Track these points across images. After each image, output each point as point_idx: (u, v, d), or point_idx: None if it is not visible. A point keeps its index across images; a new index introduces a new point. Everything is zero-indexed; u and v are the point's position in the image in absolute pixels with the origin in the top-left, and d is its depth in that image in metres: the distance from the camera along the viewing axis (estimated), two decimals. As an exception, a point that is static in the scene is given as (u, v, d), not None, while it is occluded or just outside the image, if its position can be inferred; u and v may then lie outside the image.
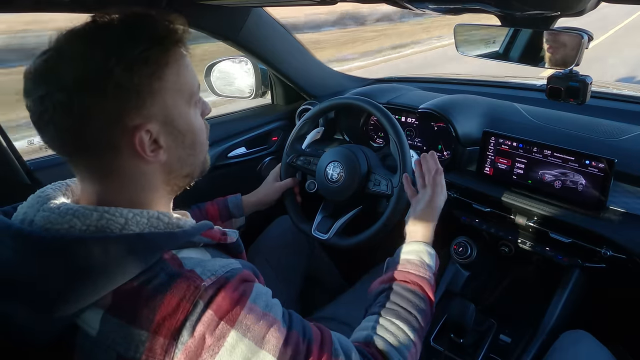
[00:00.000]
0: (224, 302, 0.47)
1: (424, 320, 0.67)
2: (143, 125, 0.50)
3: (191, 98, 0.55)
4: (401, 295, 0.68)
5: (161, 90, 0.51)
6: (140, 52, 0.48)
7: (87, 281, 0.45)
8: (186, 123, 0.54)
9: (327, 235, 1.03)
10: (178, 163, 0.56)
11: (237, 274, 0.50)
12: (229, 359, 0.46)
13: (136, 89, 0.48)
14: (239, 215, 1.03)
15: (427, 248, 0.78)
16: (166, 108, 0.52)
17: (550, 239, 0.94)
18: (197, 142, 0.57)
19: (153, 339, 0.44)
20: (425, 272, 0.72)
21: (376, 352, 0.60)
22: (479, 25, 0.92)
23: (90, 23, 0.49)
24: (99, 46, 0.47)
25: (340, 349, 0.55)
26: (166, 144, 0.53)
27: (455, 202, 1.09)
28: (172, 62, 0.52)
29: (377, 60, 6.89)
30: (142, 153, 0.50)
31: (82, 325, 0.46)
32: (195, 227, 0.55)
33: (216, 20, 1.11)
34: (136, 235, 0.49)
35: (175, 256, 0.50)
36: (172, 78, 0.52)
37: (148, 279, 0.46)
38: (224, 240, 0.58)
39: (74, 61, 0.47)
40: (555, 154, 0.91)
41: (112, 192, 0.52)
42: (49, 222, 0.48)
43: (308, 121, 1.11)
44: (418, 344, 0.64)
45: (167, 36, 0.51)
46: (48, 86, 0.46)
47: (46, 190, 0.54)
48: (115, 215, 0.49)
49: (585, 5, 0.61)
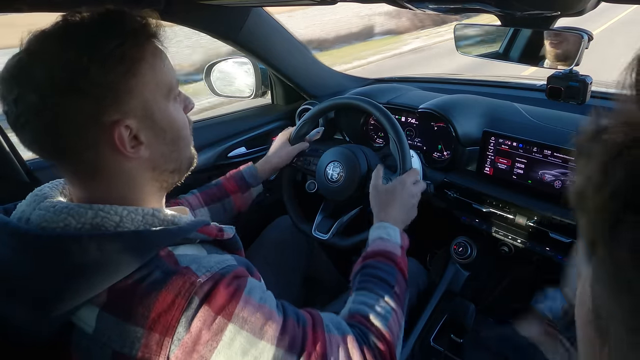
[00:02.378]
0: (219, 297, 0.47)
1: (398, 288, 0.70)
2: (121, 121, 0.49)
3: (170, 92, 0.55)
4: (375, 268, 0.71)
5: (138, 85, 0.50)
6: (113, 48, 0.48)
7: (82, 278, 0.45)
8: (166, 118, 0.54)
9: (327, 236, 1.03)
10: (162, 159, 0.55)
11: (232, 270, 0.51)
12: (228, 352, 0.47)
13: (112, 86, 0.48)
14: (257, 184, 1.03)
15: (391, 226, 0.80)
16: (144, 103, 0.51)
17: (550, 239, 0.94)
18: (179, 137, 0.57)
19: (149, 336, 0.44)
20: (393, 246, 0.76)
21: (362, 319, 0.63)
22: (479, 25, 0.92)
23: (61, 22, 0.49)
24: (71, 45, 0.47)
25: (331, 324, 0.58)
26: (147, 139, 0.52)
27: (455, 202, 1.09)
28: (147, 57, 0.51)
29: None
30: (122, 149, 0.50)
31: (78, 322, 0.46)
32: (191, 223, 0.55)
33: (216, 20, 1.11)
34: (131, 233, 0.49)
35: (171, 253, 0.50)
36: (148, 73, 0.51)
37: (143, 276, 0.46)
38: (220, 237, 0.58)
39: (46, 61, 0.46)
40: (555, 154, 0.91)
41: (100, 191, 0.52)
42: (45, 220, 0.48)
43: (308, 121, 1.11)
44: (398, 311, 0.67)
45: (141, 31, 0.51)
46: (20, 88, 0.46)
47: (43, 189, 0.54)
48: (110, 213, 0.49)
49: (585, 5, 0.61)
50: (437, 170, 1.13)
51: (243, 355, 0.48)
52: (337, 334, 0.57)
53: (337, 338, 0.57)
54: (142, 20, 0.52)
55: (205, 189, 0.98)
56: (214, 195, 0.97)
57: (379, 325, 0.62)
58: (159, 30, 0.53)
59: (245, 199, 1.02)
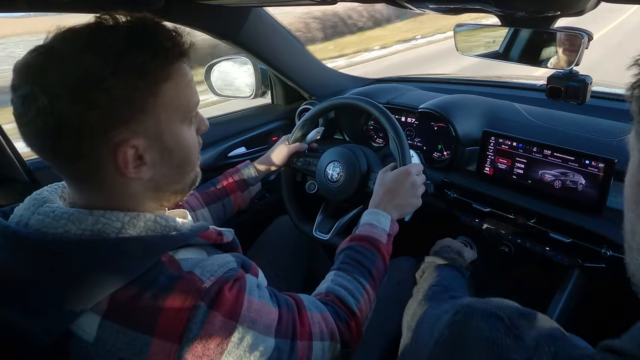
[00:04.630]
0: (225, 301, 0.48)
1: (376, 272, 0.74)
2: (129, 140, 0.47)
3: (187, 115, 0.53)
4: (357, 251, 0.75)
5: (155, 105, 0.48)
6: (139, 63, 0.46)
7: (83, 286, 0.44)
8: (176, 141, 0.52)
9: (328, 236, 1.03)
10: (165, 179, 0.53)
11: (235, 274, 0.52)
12: (237, 352, 0.48)
13: (128, 102, 0.46)
14: (255, 183, 1.04)
15: (384, 213, 0.82)
16: (157, 124, 0.49)
17: (550, 239, 0.94)
18: (186, 161, 0.55)
19: (157, 343, 0.44)
20: (380, 234, 0.78)
21: (335, 299, 0.67)
22: (479, 25, 0.92)
23: (92, 24, 0.47)
24: (96, 51, 0.44)
25: (310, 305, 0.62)
26: (151, 160, 0.50)
27: (455, 202, 1.09)
28: (173, 76, 0.49)
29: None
30: (124, 169, 0.48)
31: (76, 331, 0.45)
32: (193, 229, 0.54)
33: (216, 20, 1.11)
34: (133, 239, 0.48)
35: (173, 258, 0.49)
36: (168, 93, 0.49)
37: (148, 283, 0.46)
38: (220, 241, 0.58)
39: (65, 63, 0.44)
40: (555, 154, 0.91)
41: (99, 199, 0.50)
42: (44, 226, 0.47)
43: (308, 121, 1.11)
44: (371, 292, 0.72)
45: (172, 49, 0.49)
46: (33, 86, 0.44)
47: (42, 192, 0.53)
48: (112, 219, 0.48)
49: (585, 5, 0.61)
50: (437, 170, 1.13)
51: (251, 352, 0.49)
52: (316, 312, 0.62)
53: (317, 316, 0.61)
54: (175, 36, 0.49)
55: (204, 190, 0.98)
56: (214, 195, 0.98)
57: (350, 304, 0.67)
58: (190, 51, 0.51)
59: (244, 198, 1.02)
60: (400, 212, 0.84)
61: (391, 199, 0.84)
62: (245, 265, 0.58)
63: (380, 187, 0.87)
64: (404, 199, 0.84)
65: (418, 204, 0.87)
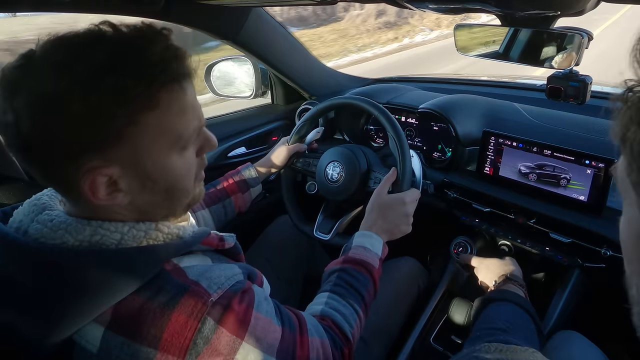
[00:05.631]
0: (233, 318, 0.47)
1: (368, 297, 0.74)
2: (99, 168, 0.43)
3: (176, 142, 0.48)
4: (352, 276, 0.75)
5: (134, 134, 0.43)
6: (119, 87, 0.41)
7: (85, 297, 0.43)
8: (160, 169, 0.47)
9: (329, 236, 1.03)
10: (150, 205, 0.50)
11: (241, 287, 0.51)
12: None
13: (101, 129, 0.41)
14: (255, 184, 1.04)
15: (376, 236, 0.83)
16: (136, 152, 0.44)
17: (550, 239, 0.94)
18: (175, 188, 0.50)
19: (162, 357, 0.43)
20: (373, 258, 0.79)
21: (332, 324, 0.67)
22: (479, 25, 0.92)
23: (82, 34, 0.43)
24: (71, 71, 0.40)
25: (312, 328, 0.61)
26: (128, 188, 0.46)
27: (455, 202, 1.09)
28: (159, 105, 0.44)
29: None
30: (91, 197, 0.44)
31: (79, 341, 0.44)
32: (195, 236, 0.53)
33: (216, 20, 1.11)
34: (134, 250, 0.47)
35: (178, 266, 0.48)
36: (154, 121, 0.44)
37: (152, 295, 0.45)
38: (221, 247, 0.57)
39: (37, 81, 0.40)
40: (555, 154, 0.91)
41: (92, 212, 0.47)
42: (42, 236, 0.46)
43: (307, 122, 1.11)
44: (363, 318, 0.72)
45: (158, 75, 0.43)
46: (7, 96, 0.41)
47: (42, 197, 0.51)
48: (110, 229, 0.46)
49: (585, 5, 0.61)
50: (437, 170, 1.13)
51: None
52: (317, 337, 0.61)
53: (317, 341, 0.61)
54: (169, 60, 0.44)
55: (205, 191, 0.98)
56: (214, 197, 0.98)
57: (346, 332, 0.67)
58: (188, 74, 0.46)
59: (245, 199, 1.02)
60: (390, 236, 0.86)
61: (383, 224, 0.85)
62: (251, 275, 0.57)
63: (374, 209, 0.87)
64: (395, 227, 0.86)
65: (408, 231, 0.88)
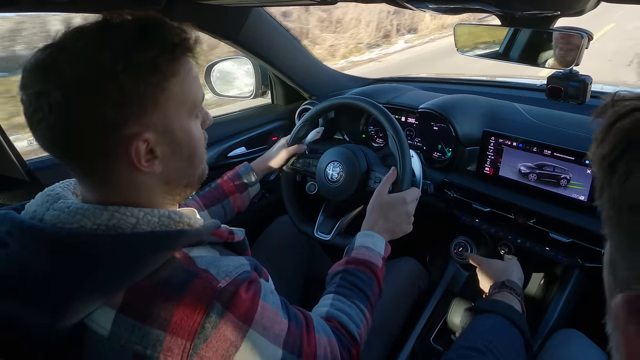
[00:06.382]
0: (240, 304, 0.48)
1: (373, 297, 0.75)
2: (140, 134, 0.48)
3: (193, 109, 0.55)
4: (356, 276, 0.75)
5: (165, 100, 0.50)
6: (149, 59, 0.47)
7: (98, 280, 0.45)
8: (185, 134, 0.53)
9: (329, 236, 1.03)
10: (175, 173, 0.55)
11: (249, 277, 0.52)
12: (245, 355, 0.48)
13: (140, 96, 0.47)
14: (253, 184, 1.04)
15: (378, 236, 0.83)
16: (167, 118, 0.50)
17: (550, 239, 0.94)
18: (195, 154, 0.56)
19: (171, 339, 0.44)
20: (376, 258, 0.79)
21: (338, 325, 0.67)
22: (479, 25, 0.92)
23: (101, 22, 0.48)
24: (107, 48, 0.46)
25: (319, 327, 0.62)
26: (162, 154, 0.51)
27: (455, 202, 1.09)
28: (180, 72, 0.51)
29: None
30: (137, 163, 0.49)
31: (91, 324, 0.45)
32: (207, 226, 0.55)
33: (216, 20, 1.11)
34: (148, 234, 0.49)
35: (188, 255, 0.50)
36: (176, 88, 0.51)
37: (163, 279, 0.46)
38: (231, 239, 0.58)
39: (78, 60, 0.45)
40: (555, 154, 0.91)
41: (112, 196, 0.51)
42: (59, 221, 0.48)
43: (307, 122, 1.11)
44: (369, 318, 0.72)
45: (179, 44, 0.50)
46: (46, 83, 0.45)
47: (55, 188, 0.54)
48: (126, 214, 0.49)
49: (585, 5, 0.61)
50: (437, 170, 1.13)
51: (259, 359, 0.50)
52: (324, 336, 0.61)
53: (324, 339, 0.61)
54: (181, 33, 0.50)
55: (203, 193, 0.98)
56: (213, 198, 0.98)
57: (353, 332, 0.67)
58: (197, 46, 0.52)
59: (243, 199, 1.02)
60: (391, 235, 0.86)
61: (385, 223, 0.85)
62: (258, 269, 0.58)
63: (375, 209, 0.87)
64: (397, 226, 0.86)
65: (409, 230, 0.88)
